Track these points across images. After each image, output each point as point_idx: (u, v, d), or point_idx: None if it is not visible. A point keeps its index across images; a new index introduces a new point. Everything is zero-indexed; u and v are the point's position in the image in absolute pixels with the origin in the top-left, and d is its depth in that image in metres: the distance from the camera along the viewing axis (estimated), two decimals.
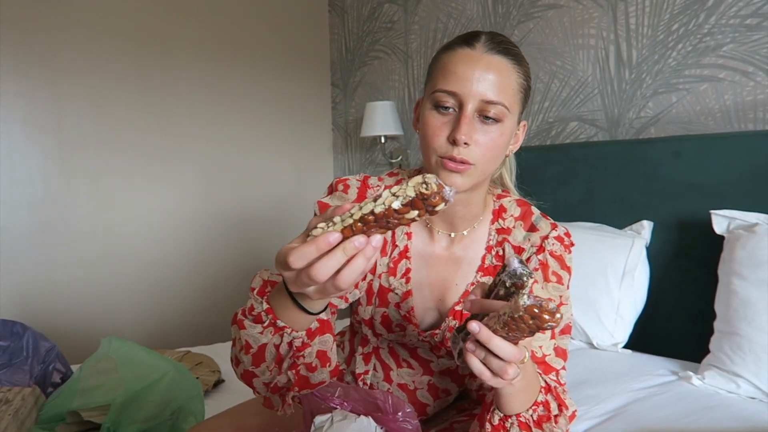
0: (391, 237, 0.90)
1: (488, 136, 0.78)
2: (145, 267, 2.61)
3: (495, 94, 0.77)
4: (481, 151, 0.78)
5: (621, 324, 1.66)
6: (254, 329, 0.70)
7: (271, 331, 0.70)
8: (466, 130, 0.76)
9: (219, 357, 1.73)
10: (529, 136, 2.26)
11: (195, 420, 1.17)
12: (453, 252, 0.90)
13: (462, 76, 0.77)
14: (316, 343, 0.73)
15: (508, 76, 0.78)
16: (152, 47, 2.57)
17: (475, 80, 0.77)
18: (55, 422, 1.14)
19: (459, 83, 0.77)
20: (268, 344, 0.71)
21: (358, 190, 0.91)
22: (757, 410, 1.24)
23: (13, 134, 2.27)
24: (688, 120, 1.79)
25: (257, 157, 2.95)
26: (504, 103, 0.77)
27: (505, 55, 0.79)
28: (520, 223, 0.89)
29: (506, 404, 0.72)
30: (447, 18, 2.58)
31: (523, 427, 0.73)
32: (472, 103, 0.77)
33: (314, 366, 0.73)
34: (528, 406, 0.73)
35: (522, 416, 0.72)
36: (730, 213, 1.50)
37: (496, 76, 0.77)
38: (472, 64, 0.77)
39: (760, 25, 1.62)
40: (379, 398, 0.80)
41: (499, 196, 0.93)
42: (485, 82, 0.77)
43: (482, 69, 0.77)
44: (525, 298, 0.58)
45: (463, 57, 0.79)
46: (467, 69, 0.77)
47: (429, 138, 0.80)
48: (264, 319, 0.70)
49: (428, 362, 0.94)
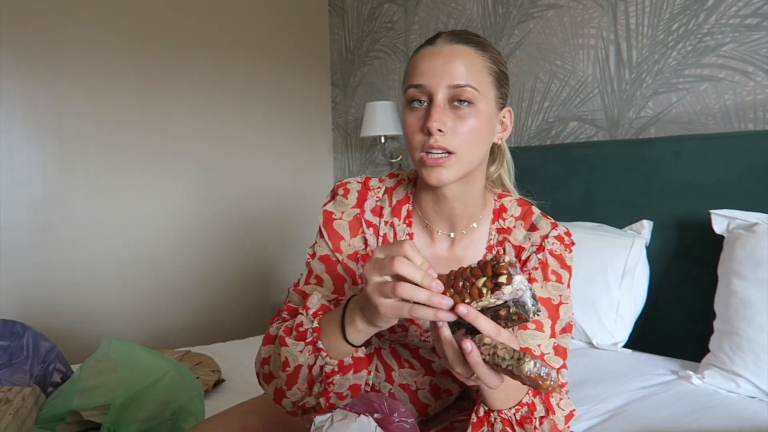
0: (393, 238, 0.91)
1: (463, 121, 0.79)
2: (146, 267, 2.61)
3: (461, 77, 0.79)
4: (458, 137, 0.79)
5: (621, 324, 1.66)
6: (296, 347, 0.75)
7: (309, 350, 0.74)
8: (437, 117, 0.78)
9: (219, 357, 1.73)
10: (529, 136, 2.27)
11: (195, 420, 1.17)
12: (454, 252, 0.90)
13: (427, 68, 0.80)
14: (350, 378, 0.77)
15: (470, 60, 0.80)
16: (152, 47, 2.57)
17: (439, 69, 0.79)
18: (55, 422, 1.14)
19: (425, 76, 0.80)
20: (304, 365, 0.76)
21: (359, 193, 0.92)
22: (756, 410, 1.25)
23: (13, 134, 2.27)
24: (688, 120, 1.79)
25: (257, 157, 2.95)
26: (471, 84, 0.79)
27: (465, 43, 0.81)
28: (520, 223, 0.89)
29: (487, 400, 0.75)
30: (447, 18, 2.58)
31: (505, 423, 0.75)
32: (441, 92, 0.79)
33: (344, 395, 0.78)
34: (510, 405, 0.75)
35: (504, 413, 0.75)
36: (730, 213, 1.50)
37: (459, 61, 0.80)
38: (435, 56, 0.80)
39: (760, 24, 1.62)
40: (374, 401, 0.80)
41: (500, 195, 0.93)
42: (449, 68, 0.79)
43: (444, 58, 0.80)
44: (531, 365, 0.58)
45: (426, 53, 0.82)
46: (431, 62, 0.80)
47: (408, 137, 0.82)
48: (308, 337, 0.75)
49: (430, 362, 0.94)
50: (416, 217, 0.91)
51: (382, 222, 0.91)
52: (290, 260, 3.06)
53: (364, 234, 0.90)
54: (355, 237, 0.91)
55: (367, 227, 0.91)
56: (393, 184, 0.94)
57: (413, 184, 0.93)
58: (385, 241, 0.90)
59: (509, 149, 0.96)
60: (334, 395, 0.77)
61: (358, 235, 0.90)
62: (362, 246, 0.91)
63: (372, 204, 0.92)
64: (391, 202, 0.92)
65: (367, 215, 0.91)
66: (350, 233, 0.91)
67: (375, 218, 0.91)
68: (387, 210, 0.92)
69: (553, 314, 0.83)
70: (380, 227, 0.91)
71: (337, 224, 0.91)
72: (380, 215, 0.91)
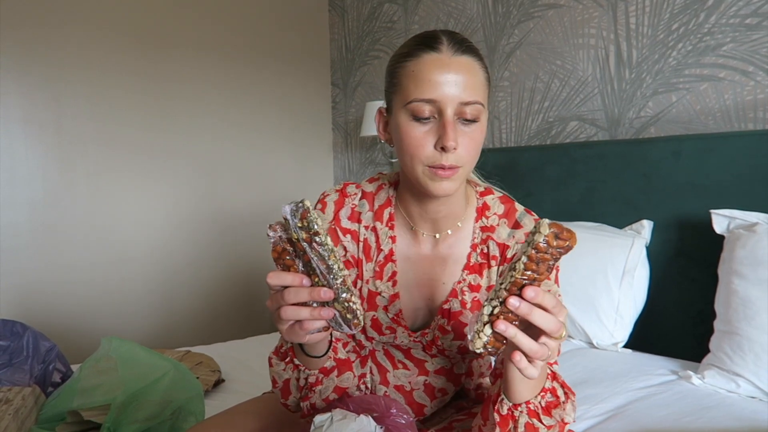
0: (376, 241, 0.91)
1: (471, 136, 0.79)
2: (146, 266, 2.61)
3: (470, 94, 0.77)
4: (466, 152, 0.79)
5: (621, 323, 1.66)
6: (279, 366, 0.83)
7: (291, 367, 0.82)
8: (453, 136, 0.76)
9: (219, 357, 1.73)
10: (529, 136, 2.26)
11: (195, 420, 1.17)
12: (438, 251, 0.90)
13: (436, 82, 0.77)
14: (333, 380, 0.84)
15: (476, 74, 0.79)
16: (152, 47, 2.57)
17: (451, 84, 0.77)
18: (55, 422, 1.14)
19: (435, 90, 0.77)
20: (291, 379, 0.84)
21: (335, 204, 0.93)
22: (756, 410, 1.24)
23: (13, 134, 2.27)
24: (688, 120, 1.79)
25: (257, 157, 2.95)
26: (479, 101, 0.78)
27: (469, 54, 0.80)
28: (504, 221, 0.90)
29: (517, 391, 0.71)
30: (447, 18, 2.58)
31: (532, 415, 0.72)
32: (451, 107, 0.77)
33: (331, 399, 0.85)
34: (537, 392, 0.72)
35: (531, 403, 0.72)
36: (730, 212, 1.50)
37: (467, 77, 0.78)
38: (444, 68, 0.77)
39: (760, 24, 1.62)
40: (371, 402, 0.81)
41: (483, 193, 0.93)
42: (459, 84, 0.77)
43: (454, 72, 0.77)
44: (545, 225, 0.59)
45: (432, 63, 0.78)
46: (440, 74, 0.77)
47: (413, 149, 0.79)
48: (287, 357, 0.82)
49: (423, 362, 0.95)
50: (399, 219, 0.92)
51: (361, 227, 0.92)
52: None
53: (342, 242, 0.92)
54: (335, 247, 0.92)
55: (344, 235, 0.92)
56: (374, 189, 0.94)
57: (394, 187, 0.94)
58: (366, 246, 0.91)
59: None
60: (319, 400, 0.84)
61: (338, 246, 0.92)
62: (343, 254, 0.92)
63: (348, 211, 0.93)
64: (373, 206, 0.93)
65: (343, 223, 0.92)
66: None
67: (352, 224, 0.93)
68: (367, 215, 0.92)
69: None
70: (359, 232, 0.92)
71: None
72: (358, 221, 0.92)
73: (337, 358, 0.85)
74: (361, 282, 0.92)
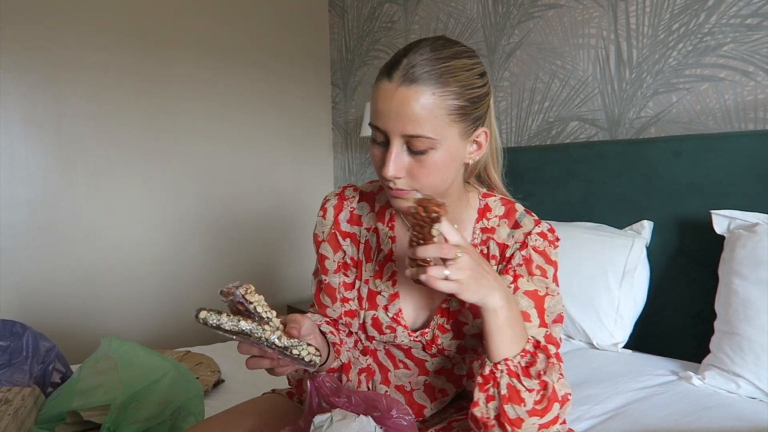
0: (377, 242, 0.93)
1: (422, 164, 0.77)
2: (146, 266, 2.61)
3: (414, 128, 0.75)
4: (419, 180, 0.78)
5: (621, 324, 1.66)
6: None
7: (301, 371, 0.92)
8: (392, 168, 0.77)
9: (219, 357, 1.73)
10: (529, 136, 2.26)
11: (195, 420, 1.17)
12: None
13: (382, 112, 0.76)
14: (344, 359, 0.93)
15: (425, 105, 0.74)
16: (152, 47, 2.57)
17: (393, 117, 0.75)
18: (55, 422, 1.14)
19: (381, 119, 0.76)
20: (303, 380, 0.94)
21: (334, 208, 0.96)
22: (757, 410, 1.24)
23: (13, 134, 2.27)
24: (688, 120, 1.79)
25: (257, 157, 2.95)
26: (425, 135, 0.75)
27: (421, 83, 0.74)
28: (504, 221, 0.90)
29: (495, 342, 0.75)
30: (447, 18, 2.58)
31: (512, 375, 0.75)
32: (397, 139, 0.76)
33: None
34: (517, 349, 0.75)
35: (510, 363, 0.75)
36: (731, 213, 1.50)
37: (412, 110, 0.74)
38: (388, 100, 0.75)
39: (760, 24, 1.62)
40: (373, 399, 0.81)
41: (485, 195, 0.93)
42: (402, 117, 0.74)
43: (397, 105, 0.74)
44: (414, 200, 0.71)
45: (382, 92, 0.76)
46: (385, 105, 0.76)
47: (375, 167, 0.82)
48: None
49: (423, 362, 0.95)
50: (399, 220, 0.93)
51: (362, 230, 0.94)
52: (290, 260, 3.06)
53: (342, 246, 0.95)
54: (337, 252, 0.96)
55: (343, 239, 0.95)
56: (374, 190, 0.97)
57: None
58: (367, 248, 0.94)
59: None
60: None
61: (339, 251, 0.96)
62: (342, 257, 0.96)
63: (347, 215, 0.96)
64: (374, 207, 0.95)
65: (343, 226, 0.95)
66: (333, 251, 0.96)
67: (352, 227, 0.95)
68: (368, 216, 0.95)
69: (540, 305, 0.84)
70: (359, 234, 0.94)
71: (323, 246, 0.97)
72: (358, 223, 0.94)
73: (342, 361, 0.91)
74: (360, 282, 0.94)
